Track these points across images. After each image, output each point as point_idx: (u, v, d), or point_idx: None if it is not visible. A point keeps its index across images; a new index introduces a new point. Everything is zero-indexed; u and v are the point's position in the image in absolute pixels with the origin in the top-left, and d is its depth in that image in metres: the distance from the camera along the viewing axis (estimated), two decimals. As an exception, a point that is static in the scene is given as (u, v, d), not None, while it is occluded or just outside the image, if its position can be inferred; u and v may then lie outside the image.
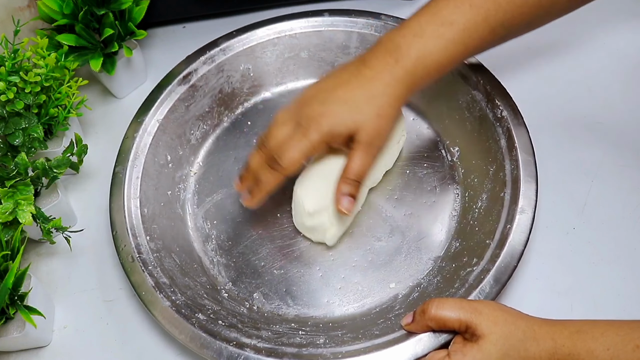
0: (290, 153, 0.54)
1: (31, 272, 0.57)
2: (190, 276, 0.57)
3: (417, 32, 0.54)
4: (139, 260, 0.55)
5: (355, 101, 0.54)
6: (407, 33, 0.54)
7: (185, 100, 0.67)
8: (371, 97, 0.53)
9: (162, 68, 0.68)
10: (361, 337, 0.51)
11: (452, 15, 0.53)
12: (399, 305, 0.55)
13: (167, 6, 0.77)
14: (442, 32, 0.53)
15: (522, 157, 0.57)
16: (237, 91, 0.71)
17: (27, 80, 0.58)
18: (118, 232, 0.57)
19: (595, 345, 0.43)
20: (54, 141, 0.65)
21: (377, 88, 0.54)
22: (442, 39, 0.53)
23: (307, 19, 0.70)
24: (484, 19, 0.53)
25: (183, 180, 0.66)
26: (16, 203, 0.54)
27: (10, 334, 0.53)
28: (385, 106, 0.54)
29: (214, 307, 0.54)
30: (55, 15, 0.65)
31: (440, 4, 0.54)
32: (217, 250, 0.61)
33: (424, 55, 0.53)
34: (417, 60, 0.53)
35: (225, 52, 0.69)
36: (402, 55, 0.53)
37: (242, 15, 0.80)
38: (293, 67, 0.72)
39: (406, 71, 0.53)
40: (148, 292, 0.53)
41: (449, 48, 0.53)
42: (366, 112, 0.53)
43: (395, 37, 0.54)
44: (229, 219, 0.63)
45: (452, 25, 0.53)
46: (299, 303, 0.57)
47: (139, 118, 0.64)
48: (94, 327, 0.58)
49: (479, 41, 0.54)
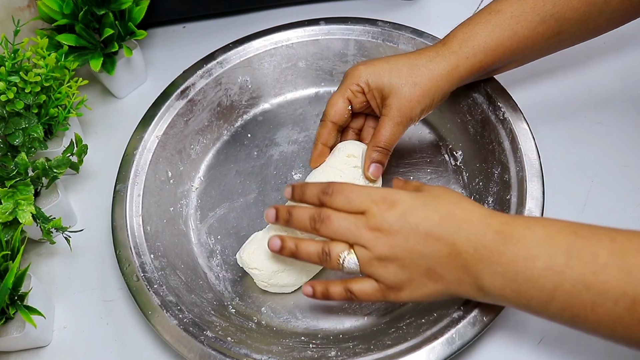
0: (331, 100, 0.59)
1: (31, 272, 0.57)
2: (196, 293, 0.57)
3: (467, 22, 0.57)
4: (144, 279, 0.54)
5: (398, 65, 0.56)
6: (460, 25, 0.58)
7: (184, 115, 0.66)
8: (413, 65, 0.56)
9: (162, 68, 0.68)
10: (373, 348, 0.50)
11: (499, 5, 0.56)
12: (409, 313, 0.55)
13: (167, 6, 0.77)
14: (489, 19, 0.56)
15: (527, 158, 0.57)
16: (236, 104, 0.70)
17: (27, 80, 0.58)
18: (122, 251, 0.56)
19: (531, 222, 0.44)
20: (54, 141, 0.65)
21: (420, 59, 0.56)
22: (488, 24, 0.56)
23: (304, 28, 0.70)
24: (532, 8, 0.55)
25: (185, 195, 0.65)
26: (16, 203, 0.54)
27: (10, 334, 0.53)
28: (424, 78, 0.55)
29: (222, 324, 0.54)
30: (55, 15, 0.65)
31: (495, 1, 0.57)
32: (222, 265, 0.60)
33: (469, 37, 0.56)
34: (463, 42, 0.56)
35: (223, 65, 0.68)
36: (450, 39, 0.57)
37: (242, 16, 0.80)
38: (291, 77, 0.71)
39: (451, 51, 0.56)
40: (155, 312, 0.52)
41: (495, 31, 0.55)
42: (404, 77, 0.55)
43: (451, 32, 0.58)
44: (233, 233, 0.62)
45: (499, 12, 0.56)
46: (307, 316, 0.56)
47: (138, 135, 0.63)
48: (94, 327, 0.58)
49: (530, 31, 0.55)
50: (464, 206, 0.46)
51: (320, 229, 0.48)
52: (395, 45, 0.67)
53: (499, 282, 0.43)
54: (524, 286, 0.42)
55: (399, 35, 0.67)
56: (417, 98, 0.55)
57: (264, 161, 0.67)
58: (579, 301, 0.40)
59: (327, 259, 0.48)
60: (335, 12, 0.78)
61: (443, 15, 0.77)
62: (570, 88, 0.69)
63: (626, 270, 0.38)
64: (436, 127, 0.67)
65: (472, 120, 0.63)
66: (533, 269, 0.41)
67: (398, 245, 0.45)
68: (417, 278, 0.46)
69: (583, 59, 0.71)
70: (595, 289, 0.39)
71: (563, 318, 0.42)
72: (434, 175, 0.64)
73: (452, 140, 0.65)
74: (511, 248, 0.42)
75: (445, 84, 0.56)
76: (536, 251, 0.42)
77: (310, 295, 0.52)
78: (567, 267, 0.40)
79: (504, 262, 0.42)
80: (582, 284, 0.40)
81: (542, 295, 0.41)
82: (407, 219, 0.45)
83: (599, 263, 0.39)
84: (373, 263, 0.47)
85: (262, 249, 0.54)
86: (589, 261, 0.40)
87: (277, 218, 0.51)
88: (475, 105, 0.62)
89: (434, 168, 0.64)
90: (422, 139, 0.67)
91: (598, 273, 0.39)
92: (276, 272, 0.55)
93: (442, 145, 0.66)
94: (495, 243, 0.43)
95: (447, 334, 0.48)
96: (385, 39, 0.68)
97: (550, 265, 0.41)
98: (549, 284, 0.41)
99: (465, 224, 0.44)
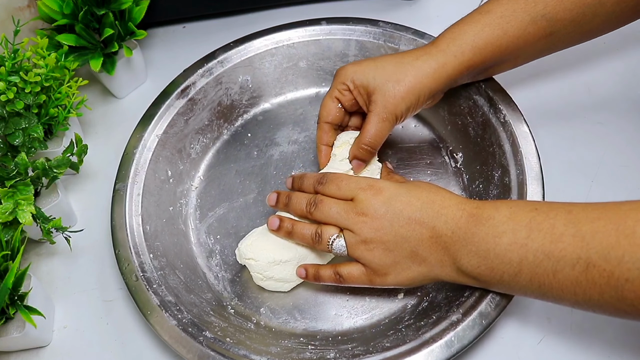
0: (323, 101, 0.59)
1: (31, 272, 0.57)
2: (195, 293, 0.56)
3: (457, 23, 0.57)
4: (143, 279, 0.54)
5: (383, 63, 0.56)
6: (451, 26, 0.58)
7: (184, 114, 0.66)
8: (399, 63, 0.56)
9: (162, 68, 0.68)
10: (372, 350, 0.50)
11: (490, 5, 0.56)
12: (408, 315, 0.55)
13: (167, 6, 0.77)
14: (479, 18, 0.56)
15: (527, 161, 0.57)
16: (236, 103, 0.70)
17: (27, 80, 0.58)
18: (121, 250, 0.56)
19: (499, 204, 0.47)
20: (54, 141, 0.65)
21: (406, 58, 0.56)
22: (478, 23, 0.55)
23: (305, 28, 0.69)
24: (523, 8, 0.55)
25: (184, 195, 0.65)
26: (16, 203, 0.54)
27: (10, 334, 0.53)
28: (409, 75, 0.55)
29: (221, 324, 0.53)
30: (55, 15, 0.65)
31: (486, 2, 0.57)
32: (221, 265, 0.60)
33: (458, 36, 0.56)
34: (451, 40, 0.56)
35: (223, 64, 0.68)
36: (439, 39, 0.57)
37: (242, 16, 0.80)
38: (292, 76, 0.71)
39: (439, 49, 0.56)
40: (153, 312, 0.52)
41: (484, 30, 0.55)
42: (388, 74, 0.55)
43: (442, 32, 0.58)
44: (232, 233, 0.62)
45: (489, 12, 0.56)
46: (306, 317, 0.56)
47: (138, 133, 0.63)
48: (94, 327, 0.58)
49: (521, 31, 0.55)
50: (442, 194, 0.50)
51: (314, 213, 0.53)
52: (396, 46, 0.67)
53: (474, 261, 0.46)
54: (495, 262, 0.45)
55: (401, 36, 0.67)
56: (401, 94, 0.55)
57: (264, 161, 0.67)
58: (542, 270, 0.43)
59: (318, 241, 0.52)
60: (335, 11, 0.78)
61: (443, 16, 0.77)
62: (570, 88, 0.69)
63: (580, 236, 0.41)
64: (436, 128, 0.67)
65: (473, 122, 0.63)
66: (501, 245, 0.45)
67: (383, 228, 0.49)
68: (401, 261, 0.50)
69: (583, 59, 0.71)
70: (555, 257, 0.42)
71: (532, 289, 0.45)
72: (434, 177, 0.64)
73: (453, 142, 0.65)
74: (482, 228, 0.46)
75: (432, 82, 0.55)
76: (502, 228, 0.45)
77: (303, 276, 0.55)
78: (529, 239, 0.44)
79: (476, 242, 0.46)
80: (543, 253, 0.43)
81: (511, 269, 0.45)
82: (392, 204, 0.49)
83: (556, 233, 0.43)
84: (360, 247, 0.50)
85: (260, 241, 0.56)
86: (548, 232, 0.43)
87: (278, 201, 0.56)
88: (476, 108, 0.62)
89: (434, 170, 0.64)
90: (423, 141, 0.67)
91: (556, 242, 0.42)
92: (272, 263, 0.55)
93: (443, 147, 0.66)
94: (469, 225, 0.47)
95: (446, 337, 0.48)
96: (386, 40, 0.68)
97: (514, 240, 0.44)
98: (515, 257, 0.44)
99: (443, 210, 0.48)
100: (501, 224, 0.45)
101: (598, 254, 0.40)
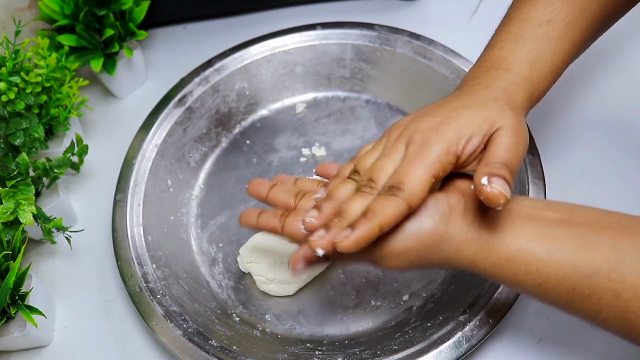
0: (413, 173, 0.41)
1: (32, 271, 0.57)
2: (199, 302, 0.56)
3: (515, 40, 0.47)
4: (147, 290, 0.54)
5: (477, 103, 0.43)
6: (504, 46, 0.47)
7: (182, 123, 0.66)
8: (493, 98, 0.44)
9: (163, 68, 0.68)
10: (380, 354, 0.50)
11: (546, 15, 0.47)
12: (415, 317, 0.54)
13: (167, 7, 0.76)
14: (544, 32, 0.46)
15: (528, 159, 0.57)
16: (234, 110, 0.70)
17: (28, 80, 0.58)
18: (123, 262, 0.56)
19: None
20: (54, 141, 0.65)
21: (496, 92, 0.44)
22: (547, 39, 0.46)
23: (300, 34, 0.69)
24: (581, 12, 0.47)
25: (185, 204, 0.65)
26: (17, 203, 0.54)
27: (11, 333, 0.53)
28: (513, 106, 0.43)
29: (227, 333, 0.53)
30: (56, 15, 0.64)
31: (524, 9, 0.48)
32: (224, 274, 0.60)
33: (535, 57, 0.46)
34: (531, 64, 0.45)
35: (220, 72, 0.68)
36: (512, 63, 0.45)
37: (242, 16, 0.79)
38: (289, 82, 0.71)
39: (523, 76, 0.45)
40: (158, 322, 0.52)
41: (558, 46, 0.46)
42: (497, 107, 0.43)
43: (491, 54, 0.47)
44: (235, 241, 0.62)
45: (550, 23, 0.47)
46: (312, 322, 0.56)
47: (137, 144, 0.63)
48: (94, 327, 0.58)
49: (582, 37, 0.48)
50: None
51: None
52: (392, 49, 0.67)
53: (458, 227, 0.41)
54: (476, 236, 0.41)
55: (396, 38, 0.67)
56: (521, 123, 0.44)
57: (263, 167, 0.67)
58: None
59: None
60: (334, 12, 0.77)
61: (442, 16, 0.77)
62: (570, 88, 0.69)
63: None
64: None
65: (472, 122, 0.63)
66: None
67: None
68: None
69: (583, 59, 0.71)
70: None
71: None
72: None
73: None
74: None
75: (524, 114, 0.45)
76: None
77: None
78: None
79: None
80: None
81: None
82: None
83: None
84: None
85: (261, 245, 0.56)
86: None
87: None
88: (474, 107, 0.62)
89: (434, 171, 0.64)
90: (422, 142, 0.67)
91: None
92: (273, 264, 0.55)
93: (442, 147, 0.66)
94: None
95: (454, 337, 0.48)
96: (382, 43, 0.68)
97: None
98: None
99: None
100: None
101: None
